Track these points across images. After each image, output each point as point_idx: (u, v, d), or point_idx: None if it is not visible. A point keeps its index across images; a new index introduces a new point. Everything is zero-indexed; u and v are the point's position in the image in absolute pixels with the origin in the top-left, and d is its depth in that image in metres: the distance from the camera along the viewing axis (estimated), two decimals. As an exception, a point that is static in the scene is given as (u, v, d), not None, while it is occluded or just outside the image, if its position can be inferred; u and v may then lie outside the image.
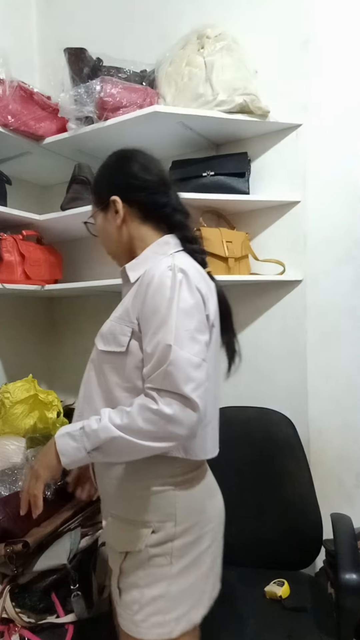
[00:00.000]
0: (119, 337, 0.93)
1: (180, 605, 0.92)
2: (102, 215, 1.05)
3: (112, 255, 1.09)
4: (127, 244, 1.03)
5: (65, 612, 1.25)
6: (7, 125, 1.55)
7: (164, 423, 0.83)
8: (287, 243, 1.62)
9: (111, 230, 1.03)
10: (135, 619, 0.91)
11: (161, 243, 1.01)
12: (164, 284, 0.88)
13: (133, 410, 0.85)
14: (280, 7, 1.57)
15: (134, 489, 0.95)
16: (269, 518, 1.46)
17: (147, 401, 0.85)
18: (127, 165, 1.02)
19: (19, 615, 1.21)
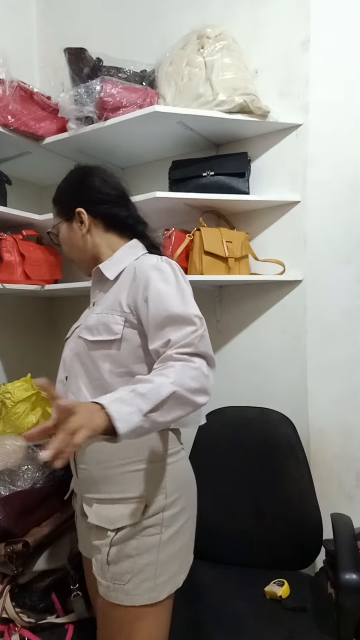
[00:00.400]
0: (112, 326, 1.00)
1: (167, 570, 0.99)
2: (67, 226, 1.13)
3: (77, 261, 1.17)
4: (91, 251, 1.12)
5: (65, 612, 1.25)
6: (7, 125, 1.55)
7: (204, 379, 0.88)
8: (287, 243, 1.62)
9: (76, 239, 1.12)
10: (126, 588, 0.95)
11: (132, 245, 1.12)
12: (163, 270, 0.99)
13: (177, 370, 0.85)
14: (280, 7, 1.57)
15: (125, 468, 1.00)
16: (269, 518, 1.46)
17: (185, 361, 0.87)
18: (90, 180, 1.12)
19: (19, 615, 1.21)
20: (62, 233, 1.14)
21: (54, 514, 1.33)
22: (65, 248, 1.17)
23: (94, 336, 1.01)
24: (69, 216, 1.12)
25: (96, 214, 1.10)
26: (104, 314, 1.02)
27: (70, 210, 1.11)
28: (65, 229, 1.13)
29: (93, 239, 1.11)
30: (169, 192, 1.59)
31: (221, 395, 1.73)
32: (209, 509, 1.50)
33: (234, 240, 1.55)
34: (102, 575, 0.98)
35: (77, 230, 1.11)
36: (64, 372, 1.10)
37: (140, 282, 0.99)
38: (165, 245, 1.57)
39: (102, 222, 1.11)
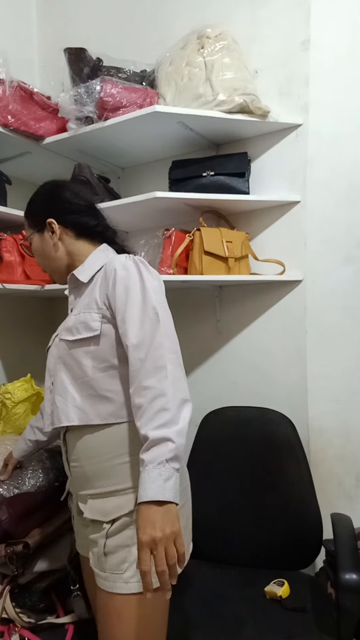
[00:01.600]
0: (90, 323, 1.04)
1: None
2: (39, 237, 1.17)
3: (50, 270, 1.21)
4: (64, 259, 1.17)
5: (65, 612, 1.25)
6: (7, 125, 1.55)
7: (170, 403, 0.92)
8: (287, 243, 1.62)
9: (48, 248, 1.16)
10: (124, 577, 0.97)
11: (102, 249, 1.17)
12: (129, 268, 1.03)
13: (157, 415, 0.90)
14: (280, 7, 1.57)
15: (116, 460, 1.02)
16: (269, 518, 1.47)
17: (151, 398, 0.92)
18: (59, 192, 1.17)
19: (18, 615, 1.21)
20: (35, 244, 1.18)
21: (55, 514, 1.33)
22: (38, 258, 1.20)
23: (74, 336, 1.05)
24: (40, 227, 1.16)
25: (66, 223, 1.15)
26: (82, 313, 1.07)
27: (41, 222, 1.15)
28: (37, 239, 1.17)
29: (65, 247, 1.16)
30: (169, 192, 1.59)
31: (221, 395, 1.73)
32: (209, 509, 1.50)
33: (234, 240, 1.55)
34: (100, 567, 1.00)
35: (48, 240, 1.16)
36: (49, 378, 1.13)
37: (110, 278, 1.04)
38: (165, 245, 1.57)
39: (73, 230, 1.15)
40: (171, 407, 0.89)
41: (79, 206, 1.17)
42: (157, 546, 0.83)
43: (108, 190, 1.74)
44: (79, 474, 1.07)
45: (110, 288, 1.03)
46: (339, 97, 1.54)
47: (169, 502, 0.84)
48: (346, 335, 1.57)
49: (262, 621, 1.22)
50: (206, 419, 1.61)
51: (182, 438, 0.88)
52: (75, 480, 1.09)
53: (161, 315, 0.97)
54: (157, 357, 0.93)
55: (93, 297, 1.07)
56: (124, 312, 0.99)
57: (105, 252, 1.16)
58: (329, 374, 1.60)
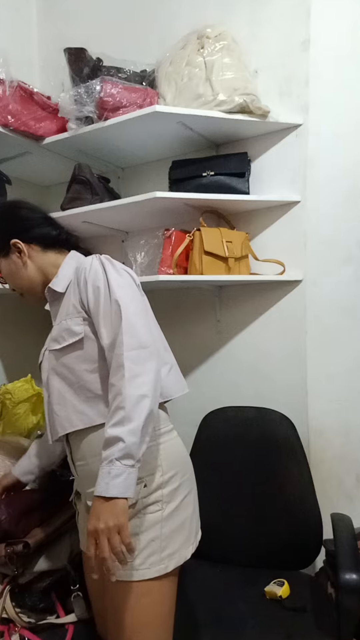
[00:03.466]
0: (73, 328, 1.06)
1: (171, 544, 1.04)
2: (5, 261, 1.17)
3: (26, 291, 1.21)
4: (38, 276, 1.17)
5: (65, 612, 1.25)
6: (7, 125, 1.55)
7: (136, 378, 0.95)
8: (287, 243, 1.62)
9: (18, 269, 1.16)
10: (134, 564, 1.00)
11: (72, 256, 1.19)
12: (95, 267, 1.06)
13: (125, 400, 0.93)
14: (280, 7, 1.57)
15: None
16: (269, 518, 1.47)
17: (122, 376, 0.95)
18: (14, 212, 1.19)
19: (18, 615, 1.21)
20: (4, 269, 1.18)
21: (55, 514, 1.33)
22: (11, 282, 1.20)
23: (60, 344, 1.08)
24: (5, 251, 1.16)
25: (30, 240, 1.16)
26: (63, 321, 1.09)
27: (4, 245, 1.16)
28: (5, 264, 1.18)
29: (35, 263, 1.17)
30: (169, 192, 1.59)
31: (221, 395, 1.73)
32: (209, 509, 1.49)
33: (234, 240, 1.55)
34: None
35: (17, 261, 1.16)
36: (46, 392, 1.14)
37: (81, 281, 1.07)
38: (165, 245, 1.57)
39: (38, 245, 1.16)
40: (126, 405, 0.91)
41: (37, 220, 1.19)
42: (100, 536, 0.89)
43: (108, 190, 1.74)
44: (86, 472, 1.08)
45: (82, 290, 1.06)
46: (339, 97, 1.54)
47: (115, 498, 0.90)
48: (346, 335, 1.57)
49: (262, 621, 1.22)
50: (206, 419, 1.61)
51: (135, 436, 0.91)
52: (83, 478, 1.10)
53: (123, 310, 0.98)
54: (118, 355, 0.96)
55: (71, 302, 1.09)
56: (96, 313, 1.03)
57: (75, 258, 1.18)
58: (329, 374, 1.60)
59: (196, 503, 1.14)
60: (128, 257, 1.82)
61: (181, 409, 1.44)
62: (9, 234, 1.16)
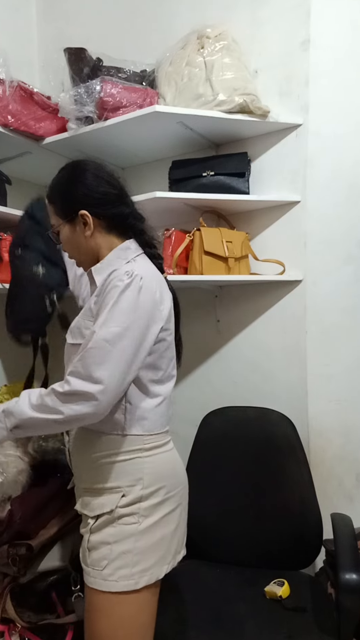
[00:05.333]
0: (83, 331, 1.05)
1: (145, 560, 1.01)
2: (69, 227, 1.11)
3: (78, 261, 1.17)
4: (94, 252, 1.12)
5: (65, 612, 1.25)
6: (7, 125, 1.55)
7: (50, 407, 0.96)
8: (287, 243, 1.63)
9: (79, 240, 1.11)
10: (103, 574, 0.99)
11: (123, 248, 1.11)
12: (116, 286, 0.99)
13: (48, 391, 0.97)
14: (280, 7, 1.57)
15: (106, 459, 1.05)
16: (269, 518, 1.47)
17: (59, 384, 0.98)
18: (90, 180, 1.09)
19: (19, 615, 1.21)
20: (65, 234, 1.12)
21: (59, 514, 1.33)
22: (67, 248, 1.15)
23: (73, 339, 1.07)
24: (71, 218, 1.09)
25: (100, 216, 1.08)
26: (80, 318, 1.08)
27: (72, 212, 1.08)
28: (67, 230, 1.11)
29: (96, 241, 1.10)
30: (169, 192, 1.59)
31: (221, 395, 1.73)
32: (209, 509, 1.50)
33: (234, 240, 1.55)
34: (84, 561, 1.03)
35: (80, 232, 1.09)
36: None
37: (106, 294, 1.00)
38: (165, 245, 1.57)
39: (106, 223, 1.09)
40: (51, 404, 0.97)
41: (113, 196, 1.10)
42: None
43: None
44: (75, 466, 1.12)
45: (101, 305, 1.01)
46: (339, 97, 1.54)
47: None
48: (346, 335, 1.57)
49: (262, 621, 1.22)
50: (206, 419, 1.61)
51: (30, 419, 0.97)
52: (75, 474, 1.13)
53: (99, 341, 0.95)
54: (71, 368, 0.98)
55: (90, 303, 1.06)
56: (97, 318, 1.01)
57: (125, 253, 1.10)
58: (329, 374, 1.60)
59: (183, 520, 1.11)
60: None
61: (181, 408, 1.44)
62: (81, 203, 1.08)
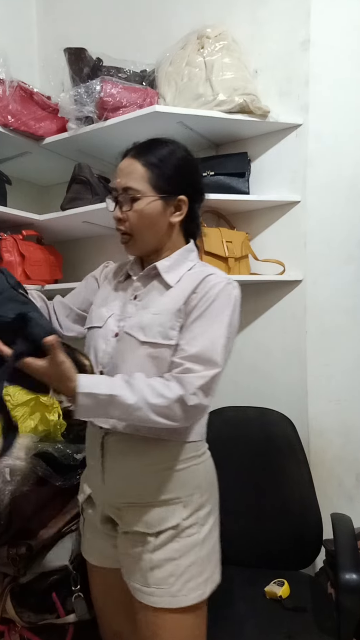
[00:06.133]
0: (169, 331, 0.96)
1: (208, 568, 1.01)
2: (160, 204, 1.00)
3: (138, 239, 1.03)
4: (160, 240, 1.04)
5: (65, 612, 1.25)
6: (7, 125, 1.55)
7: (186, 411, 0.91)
8: (287, 243, 1.62)
9: (160, 223, 1.01)
10: (172, 591, 0.95)
11: (189, 249, 1.07)
12: (228, 295, 0.97)
13: (170, 396, 0.90)
14: (280, 7, 1.57)
15: (163, 469, 1.00)
16: (269, 518, 1.46)
17: (181, 389, 0.90)
18: (199, 172, 1.08)
19: (19, 615, 1.21)
20: (148, 208, 0.99)
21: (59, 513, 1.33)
22: (138, 221, 1.00)
23: (147, 337, 0.96)
24: (167, 197, 1.00)
25: (190, 209, 1.04)
26: (164, 315, 0.97)
27: (173, 192, 1.00)
28: (155, 206, 0.99)
29: (171, 231, 1.04)
30: (169, 192, 1.59)
31: (221, 395, 1.72)
32: (209, 509, 1.50)
33: (234, 240, 1.55)
34: (143, 582, 0.97)
35: (166, 215, 1.01)
36: (97, 365, 1.02)
37: (202, 296, 0.96)
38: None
39: (188, 218, 1.04)
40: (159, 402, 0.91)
41: (203, 196, 1.07)
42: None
43: (108, 190, 1.74)
44: (117, 481, 1.02)
45: (198, 308, 0.96)
46: (339, 97, 1.54)
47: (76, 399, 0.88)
48: (346, 335, 1.57)
49: (262, 621, 1.22)
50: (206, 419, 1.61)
51: (130, 406, 0.88)
52: (111, 487, 1.03)
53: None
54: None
55: (177, 305, 0.97)
56: (194, 323, 0.95)
57: (190, 255, 1.06)
58: (329, 374, 1.60)
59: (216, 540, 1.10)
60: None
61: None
62: (185, 188, 1.01)
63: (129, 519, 1.00)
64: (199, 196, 1.06)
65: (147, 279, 1.06)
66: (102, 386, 0.89)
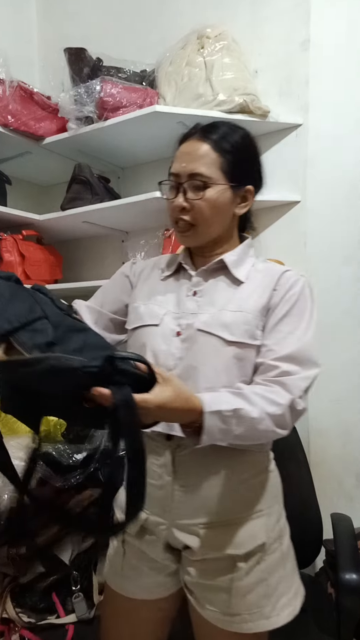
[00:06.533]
0: (255, 331, 0.89)
1: (294, 581, 0.95)
2: (229, 193, 0.93)
3: (202, 229, 0.94)
4: (220, 231, 0.97)
5: (65, 612, 1.25)
6: (7, 125, 1.55)
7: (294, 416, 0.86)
8: (287, 243, 1.62)
9: (226, 212, 0.95)
10: (265, 612, 0.89)
11: (249, 245, 1.02)
12: (309, 292, 0.94)
13: (283, 402, 0.83)
14: (280, 7, 1.57)
15: (248, 481, 0.93)
16: (269, 518, 1.46)
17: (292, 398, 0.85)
18: (261, 161, 1.00)
19: (19, 615, 1.21)
20: (218, 197, 0.92)
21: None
22: (207, 211, 0.92)
23: (234, 336, 0.87)
24: (236, 186, 0.93)
25: (254, 199, 0.99)
26: (245, 313, 0.89)
27: (242, 181, 0.94)
28: (224, 194, 0.92)
29: (233, 222, 0.98)
30: (169, 192, 1.59)
31: (221, 395, 1.73)
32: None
33: (234, 240, 1.55)
34: (231, 610, 0.88)
35: (234, 205, 0.95)
36: (182, 372, 0.90)
37: (284, 294, 0.91)
38: (165, 245, 1.57)
39: (249, 210, 1.01)
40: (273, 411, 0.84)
41: (262, 185, 1.01)
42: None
43: (108, 190, 1.74)
44: (195, 500, 0.90)
45: (279, 304, 0.91)
46: (339, 97, 1.54)
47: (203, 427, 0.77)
48: (346, 335, 1.57)
49: (262, 621, 1.22)
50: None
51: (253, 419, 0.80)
52: (185, 507, 0.91)
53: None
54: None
55: (259, 303, 0.90)
56: (281, 322, 0.90)
57: (250, 250, 1.01)
58: (328, 374, 1.59)
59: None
60: (128, 257, 1.82)
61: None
62: (255, 178, 0.97)
63: (211, 541, 0.89)
64: (259, 188, 1.00)
65: (209, 273, 0.97)
66: (221, 401, 0.78)
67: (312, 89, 1.55)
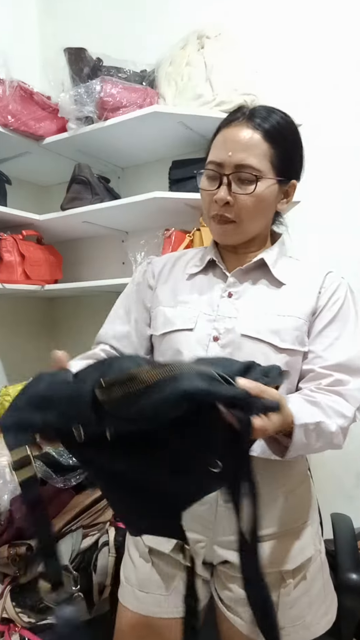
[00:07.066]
0: (304, 337, 0.84)
1: (330, 588, 0.93)
2: (276, 188, 0.86)
3: (244, 224, 0.87)
4: (259, 227, 0.90)
5: (65, 612, 1.25)
6: (7, 125, 1.55)
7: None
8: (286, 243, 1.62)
9: (269, 207, 0.88)
10: (306, 622, 0.86)
11: (283, 242, 0.97)
12: (352, 294, 0.91)
13: (349, 415, 0.80)
14: (280, 7, 1.57)
15: (292, 492, 0.89)
16: (269, 518, 1.46)
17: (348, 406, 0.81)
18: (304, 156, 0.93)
19: (19, 615, 1.21)
20: (266, 192, 0.84)
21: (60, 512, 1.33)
22: (254, 207, 0.84)
23: (284, 343, 0.82)
24: (283, 181, 0.87)
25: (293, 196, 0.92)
26: (294, 318, 0.84)
27: (289, 175, 0.88)
28: (271, 189, 0.85)
29: (270, 218, 0.92)
30: (169, 192, 1.59)
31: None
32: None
33: (234, 240, 1.55)
34: (281, 624, 0.84)
35: (275, 200, 0.87)
36: None
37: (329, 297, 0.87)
38: (165, 245, 1.57)
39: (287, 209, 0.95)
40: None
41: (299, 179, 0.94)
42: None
43: (108, 190, 1.74)
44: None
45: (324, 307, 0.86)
46: (339, 97, 1.54)
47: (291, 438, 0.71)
48: (346, 335, 1.57)
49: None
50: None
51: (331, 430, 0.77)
52: (225, 522, 0.85)
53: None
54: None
55: (309, 305, 0.86)
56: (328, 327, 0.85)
57: (284, 249, 0.96)
58: (329, 374, 1.59)
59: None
60: (128, 257, 1.82)
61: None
62: (296, 170, 0.90)
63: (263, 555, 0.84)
64: (298, 180, 0.92)
65: (245, 273, 0.90)
66: (303, 412, 0.72)
67: (312, 89, 1.55)
